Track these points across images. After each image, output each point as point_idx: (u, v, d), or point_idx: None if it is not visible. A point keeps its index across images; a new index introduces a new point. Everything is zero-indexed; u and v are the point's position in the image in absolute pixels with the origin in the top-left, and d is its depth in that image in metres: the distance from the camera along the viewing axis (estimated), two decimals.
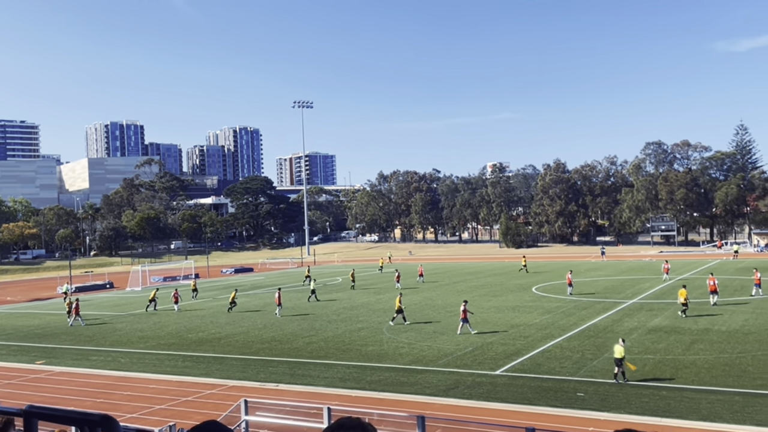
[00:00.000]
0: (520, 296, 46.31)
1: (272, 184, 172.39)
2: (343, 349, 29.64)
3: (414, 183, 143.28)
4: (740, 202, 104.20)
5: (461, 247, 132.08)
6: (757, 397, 19.37)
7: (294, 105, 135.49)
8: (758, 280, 41.84)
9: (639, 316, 34.84)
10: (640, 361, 24.40)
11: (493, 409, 19.73)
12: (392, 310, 41.80)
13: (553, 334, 30.70)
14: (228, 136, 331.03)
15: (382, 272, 61.00)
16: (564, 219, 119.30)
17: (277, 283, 67.39)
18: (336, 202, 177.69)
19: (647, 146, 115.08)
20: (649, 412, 18.61)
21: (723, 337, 28.11)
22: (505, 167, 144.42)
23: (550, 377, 22.95)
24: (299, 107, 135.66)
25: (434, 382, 22.98)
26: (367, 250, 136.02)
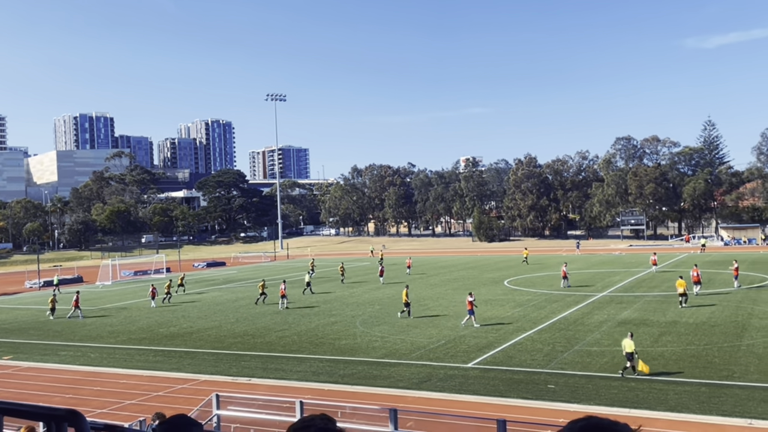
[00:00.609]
0: (492, 290, 46.63)
1: (245, 178, 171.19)
2: (316, 343, 29.61)
3: (388, 177, 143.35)
4: (708, 196, 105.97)
5: (434, 241, 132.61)
6: (723, 388, 19.75)
7: (267, 98, 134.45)
8: (736, 271, 42.71)
9: (609, 309, 35.32)
10: (609, 354, 24.77)
11: (465, 401, 19.85)
12: (366, 304, 41.91)
13: (524, 327, 30.99)
14: (200, 129, 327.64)
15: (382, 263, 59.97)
16: (536, 213, 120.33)
17: (249, 278, 67.05)
18: (309, 196, 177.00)
19: (617, 141, 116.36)
20: (618, 403, 18.88)
21: (690, 329, 28.63)
22: (478, 161, 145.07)
23: (521, 369, 23.17)
24: (272, 100, 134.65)
25: (407, 375, 23.05)
26: (341, 244, 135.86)
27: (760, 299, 36.30)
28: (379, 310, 38.82)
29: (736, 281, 42.01)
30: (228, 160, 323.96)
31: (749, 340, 26.05)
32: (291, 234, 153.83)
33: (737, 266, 43.33)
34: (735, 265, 43.40)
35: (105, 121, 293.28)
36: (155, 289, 47.58)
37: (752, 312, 32.36)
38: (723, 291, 41.14)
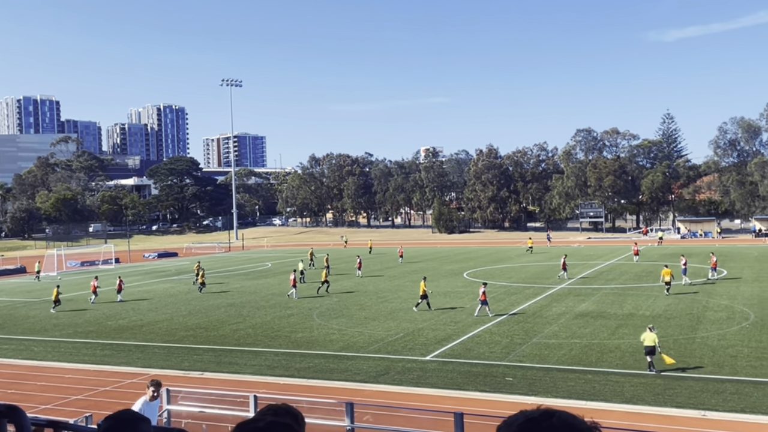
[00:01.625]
0: (451, 282, 46.57)
1: (198, 166, 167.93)
2: (271, 336, 29.04)
3: (347, 166, 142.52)
4: (665, 189, 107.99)
5: (394, 232, 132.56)
6: (677, 380, 19.89)
7: (222, 83, 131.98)
8: (714, 264, 43.68)
9: (567, 302, 35.51)
10: (567, 346, 24.81)
11: (422, 394, 19.69)
12: (324, 296, 41.37)
13: (483, 320, 30.90)
14: (151, 114, 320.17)
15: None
16: (496, 205, 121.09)
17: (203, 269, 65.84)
18: (266, 185, 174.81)
19: (577, 133, 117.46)
20: (575, 395, 18.86)
21: (647, 322, 28.75)
22: (439, 152, 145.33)
23: (479, 362, 23.03)
24: (228, 85, 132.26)
25: (364, 369, 22.74)
26: (298, 234, 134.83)
27: (714, 292, 36.95)
28: (337, 303, 38.35)
29: (714, 272, 43.17)
30: (181, 147, 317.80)
31: (703, 332, 26.38)
32: (246, 224, 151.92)
33: (715, 259, 44.51)
34: (713, 258, 44.58)
35: (50, 105, 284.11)
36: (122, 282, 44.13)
37: (707, 305, 32.87)
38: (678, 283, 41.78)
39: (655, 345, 20.60)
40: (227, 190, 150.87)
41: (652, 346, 20.60)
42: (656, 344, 20.63)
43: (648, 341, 20.72)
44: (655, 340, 20.63)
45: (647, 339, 20.79)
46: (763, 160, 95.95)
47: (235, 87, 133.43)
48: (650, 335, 20.77)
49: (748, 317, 28.96)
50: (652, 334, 20.79)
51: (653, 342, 20.61)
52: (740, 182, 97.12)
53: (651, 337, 20.71)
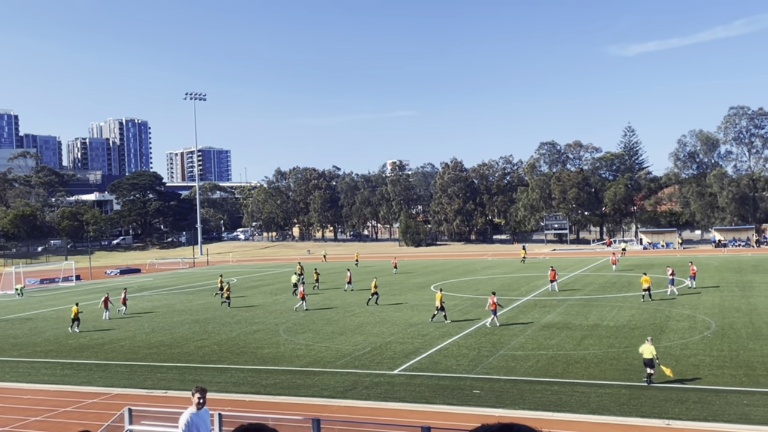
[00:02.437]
0: (419, 295, 46.57)
1: (162, 180, 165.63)
2: (237, 353, 28.65)
3: (313, 180, 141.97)
4: (628, 201, 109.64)
5: (361, 245, 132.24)
6: (642, 390, 20.12)
7: (186, 97, 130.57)
8: (694, 272, 44.47)
9: (533, 313, 35.75)
10: (533, 358, 24.94)
11: (390, 408, 19.58)
12: (290, 311, 41.01)
13: (450, 332, 30.93)
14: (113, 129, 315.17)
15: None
16: (462, 217, 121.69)
17: (167, 285, 64.89)
18: (231, 200, 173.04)
19: (541, 146, 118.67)
20: (542, 407, 18.94)
21: (611, 332, 29.24)
22: (405, 165, 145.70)
23: (447, 375, 23.02)
24: (191, 99, 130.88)
25: (332, 384, 22.55)
26: (264, 249, 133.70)
27: (677, 302, 37.55)
28: (304, 318, 38.04)
29: (692, 280, 43.97)
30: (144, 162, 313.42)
31: (667, 342, 26.76)
32: (211, 239, 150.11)
33: (695, 269, 45.25)
34: (693, 267, 45.31)
35: (8, 119, 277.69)
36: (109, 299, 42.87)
37: (669, 315, 33.39)
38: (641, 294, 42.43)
39: (653, 357, 20.38)
40: (191, 204, 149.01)
41: (650, 358, 20.41)
42: (654, 356, 20.42)
43: (646, 354, 20.51)
44: (653, 353, 20.42)
45: (645, 351, 20.59)
46: (721, 172, 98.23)
47: (199, 101, 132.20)
48: (648, 347, 20.57)
49: (709, 326, 29.48)
50: (650, 347, 20.56)
51: (651, 354, 20.40)
52: (700, 194, 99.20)
53: (649, 349, 20.49)
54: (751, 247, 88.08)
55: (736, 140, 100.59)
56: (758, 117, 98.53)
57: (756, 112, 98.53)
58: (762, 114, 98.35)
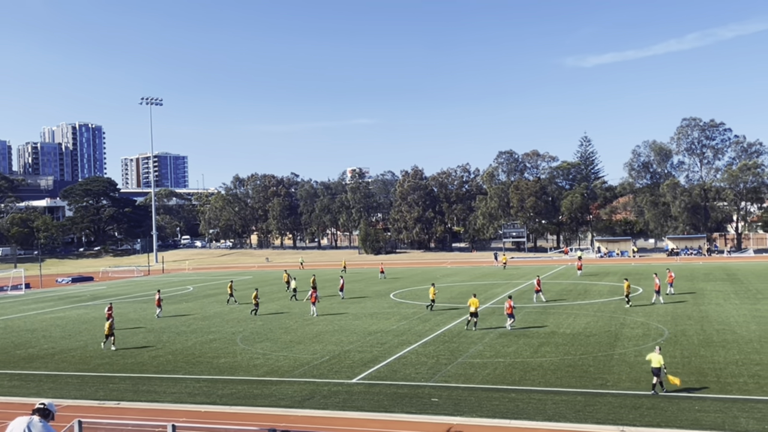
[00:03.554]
0: (378, 303, 46.49)
1: (116, 186, 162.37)
2: (192, 362, 28.13)
3: (272, 187, 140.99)
4: (584, 210, 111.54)
5: (320, 253, 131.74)
6: (598, 396, 20.36)
7: (142, 101, 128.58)
8: (671, 279, 45.11)
9: (491, 321, 35.96)
10: (491, 365, 25.06)
11: (349, 418, 19.46)
12: (248, 320, 40.48)
13: (409, 340, 30.91)
14: (66, 133, 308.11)
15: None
16: (422, 225, 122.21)
17: (120, 294, 63.57)
18: (188, 207, 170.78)
19: (500, 155, 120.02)
20: (499, 414, 19.01)
21: (567, 340, 29.58)
22: (365, 173, 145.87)
23: (405, 383, 22.96)
24: (147, 104, 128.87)
25: (289, 393, 22.29)
26: (222, 257, 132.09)
27: (631, 310, 38.20)
28: (262, 326, 37.60)
29: (671, 287, 44.73)
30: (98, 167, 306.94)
31: (621, 349, 27.19)
32: (167, 246, 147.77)
33: (672, 275, 46.03)
34: (670, 273, 46.20)
35: None
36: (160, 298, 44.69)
37: (624, 322, 33.95)
38: (597, 301, 43.11)
39: (660, 366, 20.23)
40: (147, 211, 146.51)
41: (659, 367, 20.24)
42: (662, 365, 20.26)
43: (654, 362, 20.34)
44: (660, 362, 20.26)
45: (653, 360, 20.40)
46: (674, 182, 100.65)
47: (155, 105, 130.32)
48: (656, 356, 20.38)
49: (662, 333, 30.05)
50: (658, 356, 20.39)
51: (659, 363, 20.25)
52: (653, 203, 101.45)
53: (657, 358, 20.34)
54: (702, 255, 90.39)
55: (689, 151, 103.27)
56: (709, 128, 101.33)
57: (707, 123, 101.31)
58: (713, 125, 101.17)
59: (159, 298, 44.36)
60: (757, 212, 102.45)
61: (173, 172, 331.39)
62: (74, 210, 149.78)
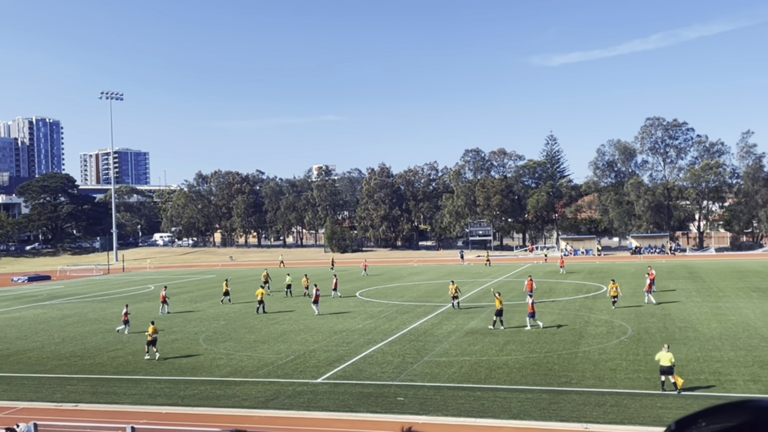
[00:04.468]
0: (344, 301, 46.20)
1: (75, 183, 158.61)
2: (153, 363, 27.58)
3: (236, 184, 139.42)
4: (549, 208, 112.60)
5: (285, 251, 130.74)
6: (562, 394, 20.45)
7: (101, 96, 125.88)
8: (653, 276, 44.92)
9: (457, 319, 36.00)
10: (457, 364, 25.03)
11: (313, 418, 19.28)
12: (210, 319, 39.90)
13: (375, 339, 30.75)
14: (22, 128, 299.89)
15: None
16: (388, 223, 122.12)
17: (79, 293, 62.22)
18: (149, 204, 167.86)
19: (466, 153, 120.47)
20: (464, 413, 18.97)
21: (532, 338, 29.72)
22: (331, 170, 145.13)
23: (371, 383, 22.81)
24: (107, 98, 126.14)
25: (253, 394, 21.99)
26: (184, 255, 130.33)
27: (595, 308, 38.59)
28: (225, 326, 37.07)
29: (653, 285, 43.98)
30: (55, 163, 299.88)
31: (585, 347, 27.40)
32: (128, 245, 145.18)
33: (654, 272, 45.45)
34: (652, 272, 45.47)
35: None
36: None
37: (588, 320, 34.27)
38: (562, 299, 43.48)
39: (672, 365, 19.91)
40: (107, 208, 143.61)
41: (670, 366, 19.91)
42: (673, 363, 19.96)
43: (664, 361, 19.97)
44: (671, 360, 19.92)
45: (663, 359, 20.05)
46: (638, 181, 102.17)
47: (115, 100, 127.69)
48: (666, 355, 20.04)
49: (626, 331, 30.39)
50: (668, 354, 20.05)
51: (670, 362, 19.90)
52: (618, 202, 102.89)
53: (668, 356, 19.98)
54: (665, 253, 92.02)
55: (652, 150, 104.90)
56: (672, 128, 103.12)
57: (670, 123, 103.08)
58: (676, 125, 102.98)
59: (164, 295, 44.32)
60: (718, 211, 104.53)
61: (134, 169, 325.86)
62: (31, 207, 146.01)
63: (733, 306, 37.28)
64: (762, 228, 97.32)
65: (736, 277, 53.25)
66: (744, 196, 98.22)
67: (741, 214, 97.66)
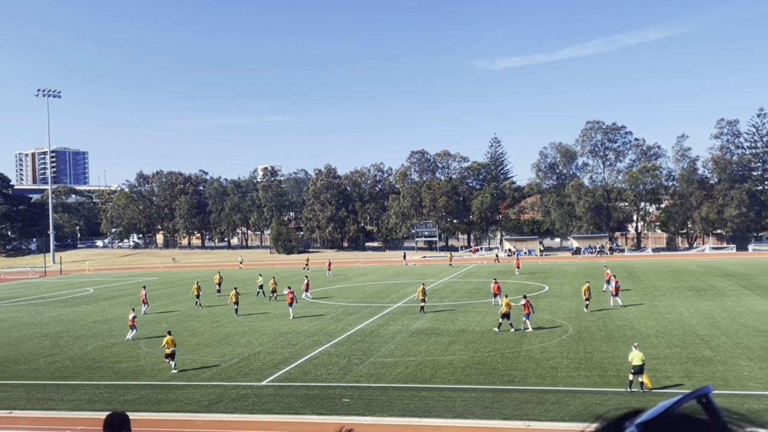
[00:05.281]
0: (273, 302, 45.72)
1: (10, 183, 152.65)
2: (92, 368, 26.82)
3: (179, 185, 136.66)
4: (493, 210, 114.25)
5: (230, 253, 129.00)
6: (505, 393, 20.77)
7: (38, 93, 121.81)
8: (608, 275, 45.62)
9: (403, 320, 36.16)
10: (402, 364, 25.15)
11: (258, 421, 19.10)
12: (153, 323, 39.05)
13: (321, 341, 30.62)
14: None
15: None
16: (335, 224, 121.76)
17: (13, 296, 60.03)
18: (89, 204, 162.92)
19: (412, 155, 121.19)
20: (409, 413, 19.08)
21: (477, 337, 30.09)
22: (277, 171, 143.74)
23: (317, 384, 22.72)
24: (44, 96, 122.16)
25: (196, 398, 21.62)
26: (125, 257, 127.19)
27: (537, 307, 39.07)
28: (167, 329, 36.21)
29: (607, 284, 44.54)
30: None
31: (528, 346, 27.90)
32: (66, 246, 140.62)
33: (609, 272, 46.63)
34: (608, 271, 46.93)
35: None
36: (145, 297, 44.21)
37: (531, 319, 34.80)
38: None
39: (643, 364, 20.03)
40: (43, 209, 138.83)
41: (641, 364, 20.03)
42: (644, 361, 20.10)
43: (636, 360, 20.05)
44: (642, 359, 20.04)
45: (636, 358, 20.09)
46: (578, 183, 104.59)
47: (52, 98, 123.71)
48: (638, 354, 20.12)
49: (567, 330, 31.06)
50: (640, 353, 20.16)
51: (641, 361, 20.03)
52: (559, 203, 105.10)
53: (639, 356, 20.06)
54: (605, 254, 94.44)
55: (592, 153, 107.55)
56: (611, 131, 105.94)
57: (610, 126, 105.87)
58: (615, 128, 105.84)
59: (144, 294, 44.20)
60: (655, 212, 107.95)
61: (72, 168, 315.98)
62: None
63: (669, 304, 38.53)
64: (696, 229, 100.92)
65: (671, 277, 55.08)
66: (679, 198, 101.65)
67: (676, 215, 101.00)
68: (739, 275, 54.45)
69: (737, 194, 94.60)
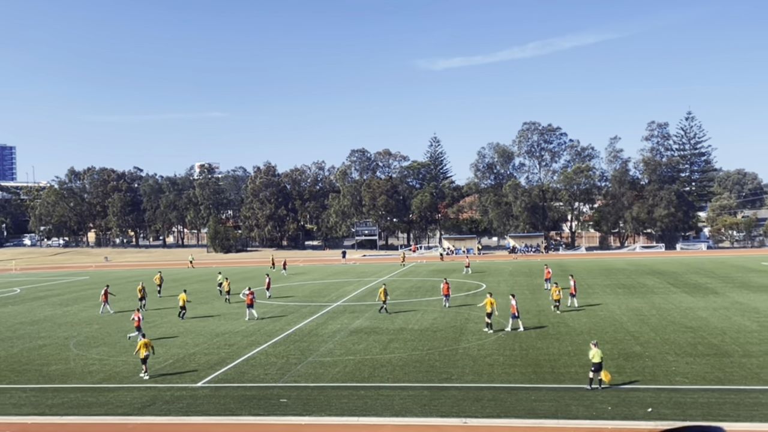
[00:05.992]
0: (225, 303, 45.10)
1: None
2: (18, 371, 25.79)
3: (112, 182, 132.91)
4: (433, 209, 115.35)
5: (165, 252, 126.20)
6: (442, 390, 20.97)
7: None
8: (548, 275, 46.41)
9: (342, 319, 36.09)
10: (341, 363, 25.09)
11: (193, 423, 18.75)
12: (83, 323, 37.82)
13: (258, 341, 30.26)
14: None
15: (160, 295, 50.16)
16: (274, 223, 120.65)
17: None
18: (16, 201, 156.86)
19: (352, 153, 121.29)
20: (348, 412, 19.05)
21: (415, 336, 30.29)
22: (215, 168, 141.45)
23: (254, 385, 22.43)
24: None
25: (128, 400, 21.04)
26: (55, 255, 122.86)
27: (475, 306, 39.79)
28: (99, 330, 35.25)
29: (548, 283, 45.54)
30: None
31: (466, 343, 28.25)
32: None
33: (550, 270, 47.72)
34: (548, 270, 47.74)
35: None
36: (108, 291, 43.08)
37: (469, 317, 35.34)
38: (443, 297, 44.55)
39: (602, 361, 20.42)
40: None
41: (600, 362, 20.38)
42: (602, 360, 20.49)
43: (596, 358, 20.40)
44: (602, 356, 20.48)
45: (596, 356, 20.44)
46: (515, 183, 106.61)
47: None
48: (597, 351, 20.51)
49: (503, 327, 31.56)
50: (599, 351, 20.57)
51: (600, 358, 20.42)
52: (497, 203, 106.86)
53: (598, 353, 20.46)
54: (540, 252, 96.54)
55: (529, 153, 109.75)
56: (547, 132, 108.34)
57: (545, 127, 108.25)
58: (551, 130, 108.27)
59: (107, 292, 42.92)
60: (588, 212, 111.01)
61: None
62: None
63: (601, 302, 39.66)
64: (627, 228, 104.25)
65: (603, 275, 56.70)
66: (612, 198, 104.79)
67: (609, 215, 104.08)
68: (667, 273, 56.51)
69: (666, 195, 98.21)
